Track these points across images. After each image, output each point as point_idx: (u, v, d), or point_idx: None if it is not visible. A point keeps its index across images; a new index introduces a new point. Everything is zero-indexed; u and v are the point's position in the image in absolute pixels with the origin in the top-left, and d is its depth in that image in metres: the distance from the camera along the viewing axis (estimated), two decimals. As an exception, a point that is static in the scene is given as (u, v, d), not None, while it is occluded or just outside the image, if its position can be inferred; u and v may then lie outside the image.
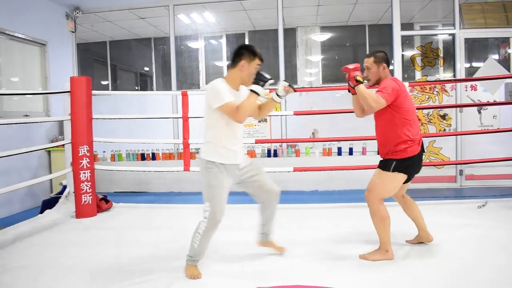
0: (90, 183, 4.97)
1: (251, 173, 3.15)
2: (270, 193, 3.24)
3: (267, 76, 2.92)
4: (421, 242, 3.55)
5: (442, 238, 3.65)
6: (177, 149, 6.82)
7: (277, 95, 3.10)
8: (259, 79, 2.92)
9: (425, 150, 3.19)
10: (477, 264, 3.07)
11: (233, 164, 3.01)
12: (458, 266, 3.05)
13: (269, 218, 3.36)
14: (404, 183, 3.30)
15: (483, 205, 4.81)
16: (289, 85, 3.10)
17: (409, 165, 3.19)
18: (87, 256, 3.51)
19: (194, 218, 4.64)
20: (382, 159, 3.30)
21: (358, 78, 3.09)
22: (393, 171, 3.17)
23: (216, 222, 2.97)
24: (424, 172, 6.37)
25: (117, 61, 8.11)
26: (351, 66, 3.15)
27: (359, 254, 3.30)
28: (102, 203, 5.21)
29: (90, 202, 4.94)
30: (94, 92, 5.09)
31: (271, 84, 3.05)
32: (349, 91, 3.37)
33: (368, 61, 3.30)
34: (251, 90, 2.91)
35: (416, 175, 3.35)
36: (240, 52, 2.97)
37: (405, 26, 6.77)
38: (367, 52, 7.27)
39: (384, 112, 3.18)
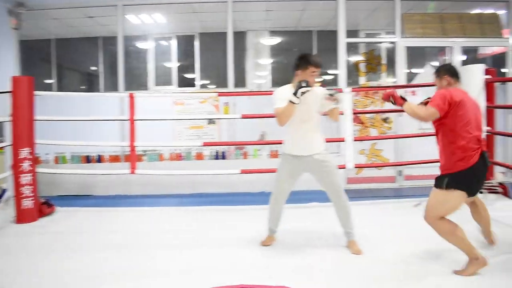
0: (31, 187, 4.82)
1: (318, 170, 3.57)
2: (330, 193, 3.63)
3: (303, 84, 3.25)
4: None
5: (376, 235, 3.91)
6: (124, 151, 6.73)
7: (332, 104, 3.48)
8: (296, 88, 3.27)
9: (488, 163, 3.09)
10: (407, 259, 3.28)
11: (297, 155, 3.52)
12: (386, 261, 3.25)
13: (339, 215, 3.68)
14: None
15: (419, 204, 5.08)
16: (330, 95, 3.42)
17: (465, 180, 2.98)
18: (26, 263, 3.43)
19: (142, 221, 4.69)
20: (437, 175, 3.14)
21: (403, 96, 3.25)
22: (447, 188, 3.00)
23: (274, 196, 3.70)
24: (365, 173, 6.70)
25: (63, 60, 7.88)
26: (389, 91, 3.29)
27: (454, 270, 3.07)
28: (44, 207, 5.06)
29: (31, 207, 4.80)
30: (37, 92, 4.95)
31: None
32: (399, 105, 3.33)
33: (434, 79, 3.34)
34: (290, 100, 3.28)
35: (359, 176, 3.42)
36: (297, 62, 3.45)
37: (351, 33, 7.02)
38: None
39: (436, 124, 3.17)
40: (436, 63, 7.38)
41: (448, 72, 3.25)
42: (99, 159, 6.66)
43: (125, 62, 7.02)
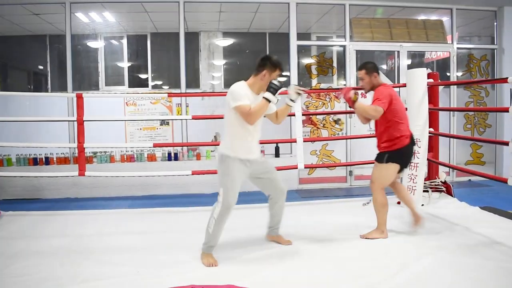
0: (-27, 190, 4.61)
1: (263, 170, 3.53)
2: (277, 190, 3.60)
3: (278, 84, 3.25)
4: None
5: (325, 234, 4.02)
6: (73, 153, 6.54)
7: (290, 99, 3.45)
8: (271, 87, 3.24)
9: (416, 144, 4.04)
10: (357, 255, 3.41)
11: (247, 159, 3.35)
12: (343, 257, 3.37)
13: (276, 214, 3.70)
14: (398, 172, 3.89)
15: (368, 203, 5.24)
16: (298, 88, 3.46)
17: (399, 156, 3.77)
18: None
19: (91, 224, 4.58)
20: (378, 153, 3.88)
21: (353, 98, 3.64)
22: (386, 162, 3.76)
23: (228, 206, 3.29)
24: (317, 173, 6.84)
25: (8, 59, 7.57)
26: (344, 90, 3.70)
27: (360, 234, 3.88)
28: (-12, 211, 4.86)
29: (-27, 211, 4.59)
30: (-22, 92, 4.74)
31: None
32: (350, 106, 3.88)
33: (361, 73, 3.82)
34: (264, 97, 3.23)
35: (312, 176, 4.25)
36: (264, 62, 3.33)
37: (303, 35, 7.16)
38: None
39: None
40: (385, 67, 7.65)
41: (376, 70, 3.83)
42: (47, 161, 6.44)
43: (75, 61, 6.83)
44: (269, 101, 3.23)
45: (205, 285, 2.82)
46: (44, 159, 6.44)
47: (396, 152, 3.76)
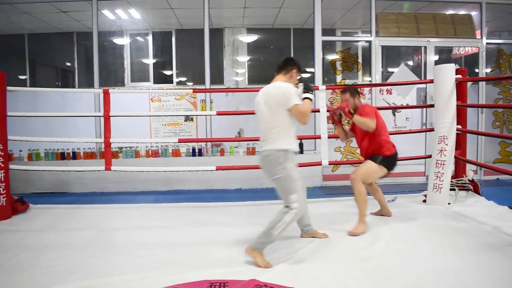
0: (4, 184, 4.72)
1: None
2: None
3: (312, 87, 3.48)
4: (382, 215, 4.55)
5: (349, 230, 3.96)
6: (99, 148, 6.65)
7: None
8: (308, 89, 3.41)
9: (398, 153, 4.26)
10: (383, 252, 3.36)
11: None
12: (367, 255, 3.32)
13: (307, 212, 3.76)
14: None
15: (393, 200, 5.18)
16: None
17: (390, 162, 4.13)
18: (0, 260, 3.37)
19: (117, 218, 4.65)
20: (371, 156, 4.15)
21: (352, 111, 4.08)
22: (379, 164, 4.07)
23: (299, 205, 3.27)
24: (341, 170, 6.77)
25: (36, 55, 7.74)
26: (343, 105, 4.08)
27: (348, 231, 3.93)
28: (18, 204, 4.97)
29: (4, 204, 4.70)
30: (9, 88, 4.84)
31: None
32: (332, 123, 4.49)
33: (346, 96, 4.23)
34: (307, 98, 3.37)
35: (336, 173, 4.69)
36: (292, 63, 3.50)
37: (328, 31, 7.09)
38: (290, 57, 7.53)
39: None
40: (411, 63, 7.52)
41: (358, 92, 4.29)
42: (74, 156, 6.56)
43: (101, 58, 6.93)
44: (311, 100, 3.39)
45: (226, 280, 2.83)
46: (71, 154, 6.57)
47: (388, 158, 4.09)
